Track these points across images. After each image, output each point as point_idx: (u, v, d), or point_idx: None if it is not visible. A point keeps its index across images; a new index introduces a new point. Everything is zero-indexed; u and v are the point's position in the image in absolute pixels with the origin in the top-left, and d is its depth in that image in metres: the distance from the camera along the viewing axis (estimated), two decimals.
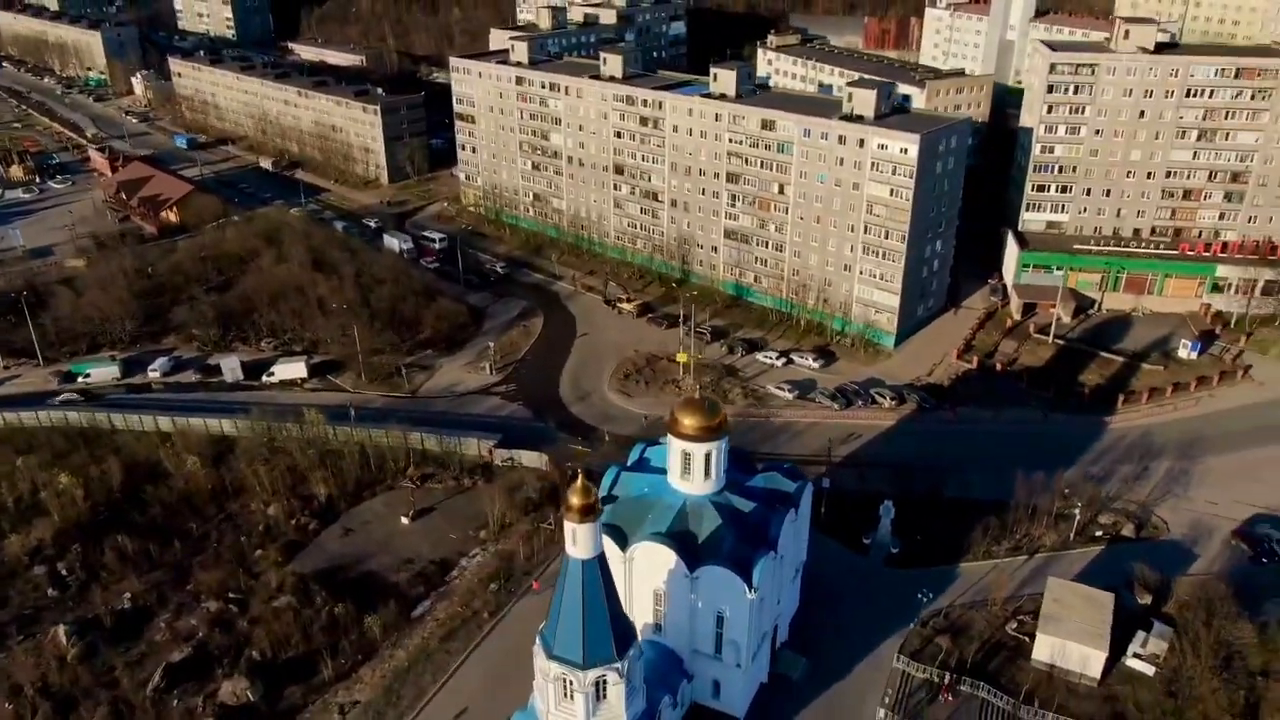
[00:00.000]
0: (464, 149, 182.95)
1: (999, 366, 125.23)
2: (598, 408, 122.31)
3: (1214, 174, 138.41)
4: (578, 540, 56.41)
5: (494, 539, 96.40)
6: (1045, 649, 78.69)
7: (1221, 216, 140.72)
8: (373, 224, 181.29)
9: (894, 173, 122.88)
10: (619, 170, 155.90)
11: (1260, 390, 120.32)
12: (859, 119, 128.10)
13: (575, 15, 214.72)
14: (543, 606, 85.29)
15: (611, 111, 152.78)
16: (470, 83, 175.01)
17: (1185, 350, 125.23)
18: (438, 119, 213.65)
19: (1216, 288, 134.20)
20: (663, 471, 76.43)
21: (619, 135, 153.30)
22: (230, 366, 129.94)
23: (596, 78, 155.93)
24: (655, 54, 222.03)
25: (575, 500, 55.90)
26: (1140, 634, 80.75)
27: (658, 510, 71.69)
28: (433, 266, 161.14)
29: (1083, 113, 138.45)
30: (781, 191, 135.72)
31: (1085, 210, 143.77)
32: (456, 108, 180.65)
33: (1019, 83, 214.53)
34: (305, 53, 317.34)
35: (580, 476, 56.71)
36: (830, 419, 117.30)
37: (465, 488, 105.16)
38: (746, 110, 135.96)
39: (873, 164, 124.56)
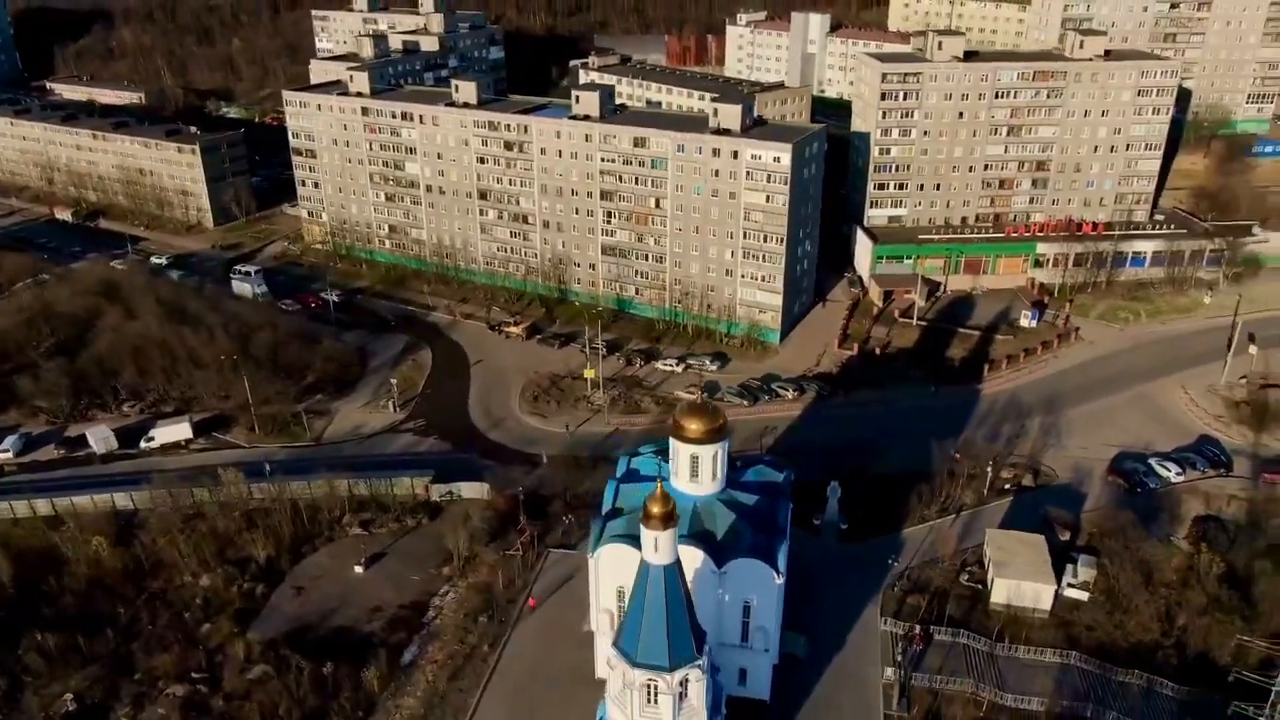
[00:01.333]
0: (304, 184, 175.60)
1: (878, 351, 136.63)
2: (516, 431, 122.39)
3: (1022, 164, 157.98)
4: (659, 547, 58.36)
5: (460, 573, 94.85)
6: (1002, 592, 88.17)
7: (1031, 201, 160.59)
8: (163, 261, 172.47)
9: (769, 180, 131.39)
10: (484, 195, 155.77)
11: (1092, 348, 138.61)
12: (726, 132, 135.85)
13: (394, 43, 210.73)
14: (546, 626, 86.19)
15: (473, 138, 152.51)
16: (309, 116, 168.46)
17: (1027, 320, 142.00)
18: (248, 155, 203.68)
19: (1038, 263, 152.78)
20: (658, 478, 79.10)
21: (482, 161, 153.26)
22: (101, 436, 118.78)
23: (452, 105, 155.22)
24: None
25: (656, 509, 57.86)
26: (1069, 566, 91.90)
27: None
28: (293, 309, 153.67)
29: (912, 116, 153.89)
30: (658, 205, 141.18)
31: (920, 204, 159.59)
32: (293, 142, 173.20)
33: (823, 91, 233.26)
34: (69, 92, 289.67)
35: (659, 485, 58.70)
36: (742, 415, 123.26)
37: (411, 528, 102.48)
38: (618, 130, 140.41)
39: (748, 173, 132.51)
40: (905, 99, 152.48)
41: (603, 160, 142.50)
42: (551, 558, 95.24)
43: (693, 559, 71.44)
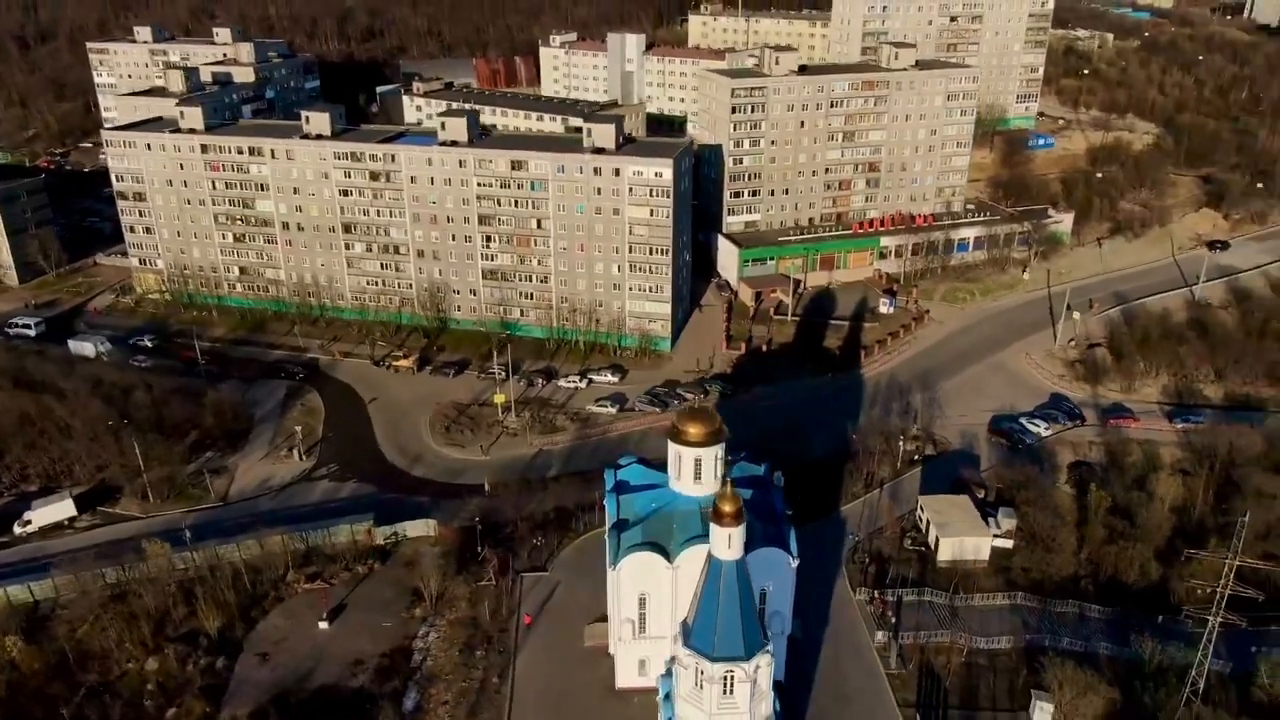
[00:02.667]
0: (133, 230, 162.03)
1: (763, 348, 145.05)
2: (439, 464, 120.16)
3: (857, 166, 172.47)
4: (732, 543, 61.38)
5: (433, 612, 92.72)
6: (948, 550, 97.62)
7: (867, 199, 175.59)
8: None
9: (652, 195, 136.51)
10: (349, 229, 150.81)
11: (943, 327, 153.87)
12: (601, 151, 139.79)
13: (203, 75, 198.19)
14: (545, 649, 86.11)
15: (334, 170, 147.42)
16: (136, 156, 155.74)
17: (885, 307, 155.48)
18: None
19: (882, 255, 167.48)
20: (652, 486, 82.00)
21: (345, 193, 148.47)
22: None
23: (306, 137, 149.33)
24: (296, 110, 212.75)
25: (728, 507, 60.85)
26: (991, 520, 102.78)
27: (681, 519, 77.21)
28: (146, 365, 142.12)
29: (760, 128, 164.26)
30: (539, 226, 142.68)
31: (772, 209, 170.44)
32: (117, 186, 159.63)
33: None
34: None
35: (728, 484, 61.65)
36: (658, 422, 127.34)
37: (364, 575, 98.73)
38: (494, 154, 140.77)
39: (630, 189, 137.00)
40: (753, 111, 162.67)
41: (479, 185, 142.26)
42: (526, 582, 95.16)
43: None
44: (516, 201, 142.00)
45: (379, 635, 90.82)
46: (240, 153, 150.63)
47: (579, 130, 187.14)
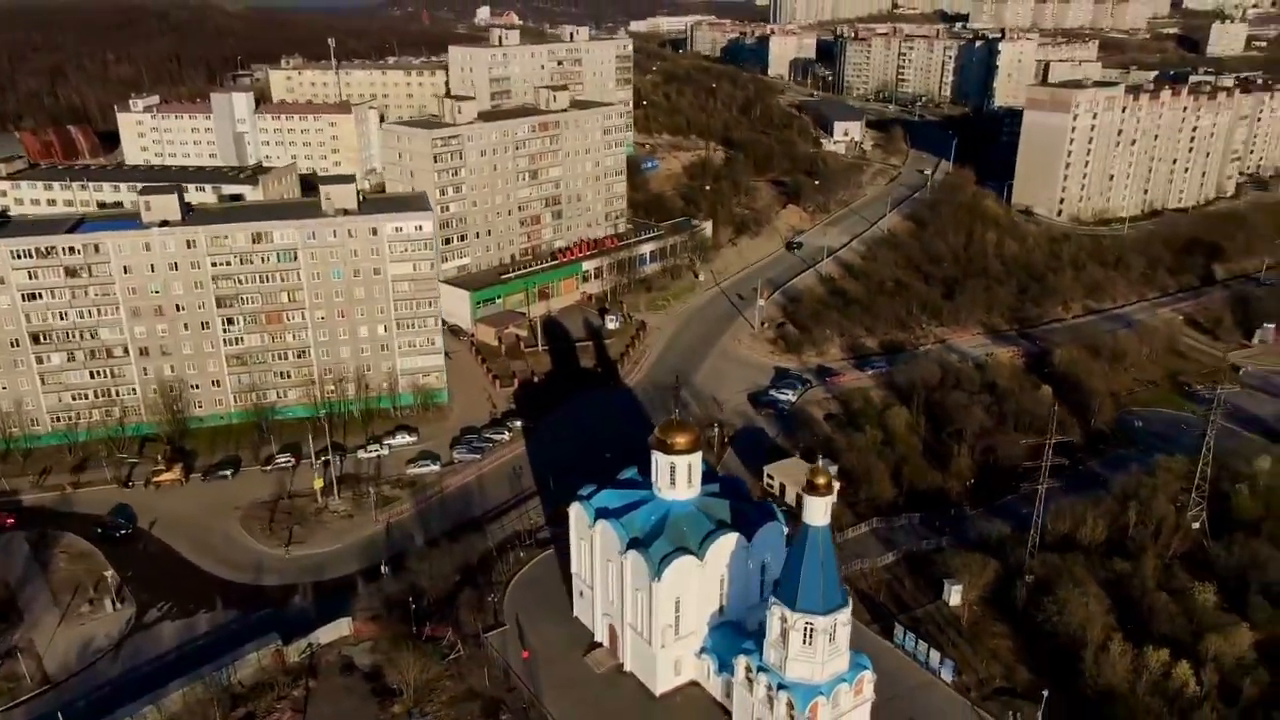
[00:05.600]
0: None
1: (535, 379, 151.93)
2: (288, 567, 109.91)
3: (544, 201, 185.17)
4: (827, 511, 72.14)
5: (415, 701, 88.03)
6: None
7: (554, 231, 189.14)
8: None
9: (413, 249, 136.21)
10: (39, 339, 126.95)
11: (662, 332, 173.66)
12: (346, 212, 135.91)
13: None
14: (563, 688, 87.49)
15: (12, 271, 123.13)
16: None
17: (611, 323, 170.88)
18: None
19: (585, 279, 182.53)
20: (640, 502, 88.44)
21: (33, 297, 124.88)
22: None
23: None
24: None
25: (821, 480, 71.46)
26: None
27: (688, 522, 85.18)
28: None
29: (460, 174, 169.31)
30: (292, 299, 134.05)
31: (479, 251, 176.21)
32: None
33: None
34: None
35: (820, 460, 71.76)
36: (485, 468, 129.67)
37: (306, 697, 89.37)
38: (230, 229, 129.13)
39: (390, 247, 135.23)
40: (452, 159, 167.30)
41: (214, 265, 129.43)
42: (494, 641, 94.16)
43: (730, 545, 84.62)
44: (261, 276, 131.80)
45: None
46: None
47: (235, 199, 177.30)
